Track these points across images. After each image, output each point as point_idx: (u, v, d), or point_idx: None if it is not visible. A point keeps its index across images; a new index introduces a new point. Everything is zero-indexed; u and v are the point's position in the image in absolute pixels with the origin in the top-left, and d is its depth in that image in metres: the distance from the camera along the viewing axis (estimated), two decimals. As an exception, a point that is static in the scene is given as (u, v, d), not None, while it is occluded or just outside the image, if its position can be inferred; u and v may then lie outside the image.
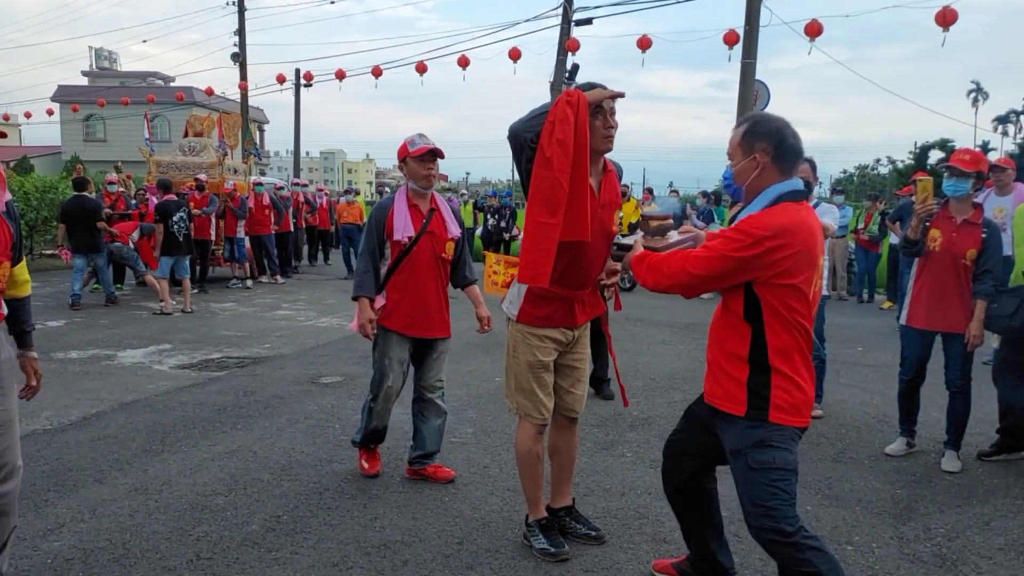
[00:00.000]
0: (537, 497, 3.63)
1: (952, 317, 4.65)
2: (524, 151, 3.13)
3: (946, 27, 12.46)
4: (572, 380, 3.61)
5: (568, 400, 3.61)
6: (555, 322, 3.43)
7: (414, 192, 4.32)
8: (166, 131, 36.95)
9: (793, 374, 2.65)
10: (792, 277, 2.56)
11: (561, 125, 3.00)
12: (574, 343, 3.55)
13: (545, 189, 3.05)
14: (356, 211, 16.56)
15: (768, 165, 2.67)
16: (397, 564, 3.45)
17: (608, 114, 3.24)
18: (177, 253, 11.01)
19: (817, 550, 2.60)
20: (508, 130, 3.17)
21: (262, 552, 3.54)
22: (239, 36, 27.56)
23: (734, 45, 15.16)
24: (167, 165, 14.70)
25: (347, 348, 8.43)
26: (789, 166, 2.68)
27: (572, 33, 19.30)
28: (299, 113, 30.48)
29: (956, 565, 3.52)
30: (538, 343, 3.43)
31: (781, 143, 2.66)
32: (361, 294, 4.28)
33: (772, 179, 2.67)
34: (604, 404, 6.21)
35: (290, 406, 6.01)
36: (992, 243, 4.56)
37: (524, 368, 3.46)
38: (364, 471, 4.52)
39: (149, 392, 6.42)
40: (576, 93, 3.07)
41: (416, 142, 4.22)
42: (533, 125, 3.09)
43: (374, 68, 20.81)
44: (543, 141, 3.04)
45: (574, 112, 3.02)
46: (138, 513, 3.96)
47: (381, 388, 4.36)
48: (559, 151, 3.00)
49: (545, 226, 3.08)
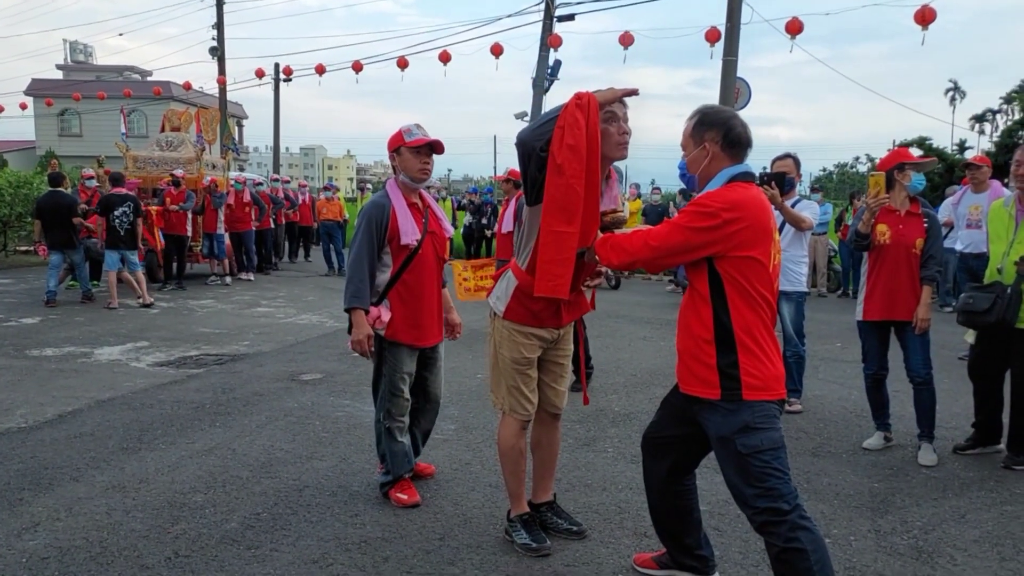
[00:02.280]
0: (519, 492, 3.62)
1: (908, 306, 4.83)
2: (533, 160, 3.05)
3: (925, 26, 12.59)
4: (555, 376, 3.59)
5: (551, 396, 3.60)
6: (542, 321, 3.39)
7: (406, 187, 4.02)
8: (143, 126, 36.65)
9: (758, 350, 2.71)
10: (750, 249, 2.67)
11: (572, 130, 2.93)
12: (558, 340, 3.53)
13: (559, 197, 2.98)
14: (336, 208, 16.51)
15: (718, 153, 2.79)
16: (378, 560, 3.44)
17: (623, 120, 3.15)
18: (122, 247, 10.93)
19: (807, 530, 2.64)
20: (516, 138, 3.08)
21: (241, 549, 3.51)
22: (217, 30, 27.31)
23: (716, 42, 15.21)
24: (144, 160, 14.55)
25: (327, 345, 8.39)
26: (738, 153, 2.80)
27: (554, 29, 19.30)
28: (278, 108, 30.25)
29: (932, 557, 3.56)
30: (524, 340, 3.40)
31: (729, 131, 2.78)
32: (357, 306, 3.90)
33: (722, 165, 2.79)
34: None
35: (269, 403, 5.98)
36: (935, 231, 4.83)
37: (509, 364, 3.42)
38: (404, 503, 4.03)
39: (126, 389, 6.36)
40: (586, 95, 2.98)
41: (413, 132, 3.95)
42: (542, 133, 2.99)
43: (354, 63, 20.73)
44: (553, 148, 2.96)
45: (585, 116, 2.94)
46: (115, 511, 3.91)
47: (396, 403, 4.03)
48: (571, 157, 2.93)
49: (563, 235, 3.01)
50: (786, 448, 2.74)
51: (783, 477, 2.68)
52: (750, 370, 2.69)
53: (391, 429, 4.06)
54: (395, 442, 4.07)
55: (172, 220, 12.70)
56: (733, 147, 2.79)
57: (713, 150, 2.79)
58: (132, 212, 10.94)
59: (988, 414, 4.99)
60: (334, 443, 5.02)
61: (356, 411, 5.77)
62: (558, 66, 20.13)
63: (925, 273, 4.78)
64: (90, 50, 47.92)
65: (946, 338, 8.30)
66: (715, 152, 2.79)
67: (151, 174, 14.28)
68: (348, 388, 6.47)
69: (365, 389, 6.42)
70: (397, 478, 4.10)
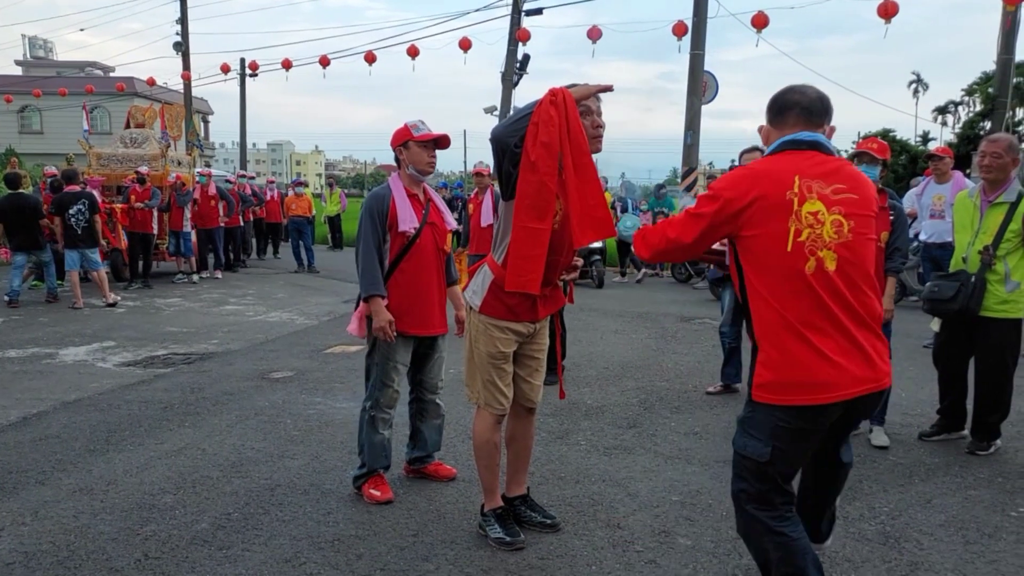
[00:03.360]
0: (493, 486, 3.61)
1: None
2: (507, 156, 3.07)
3: (888, 19, 12.75)
4: (531, 370, 3.59)
5: (526, 390, 3.60)
6: (518, 316, 3.38)
7: (410, 180, 4.09)
8: (106, 123, 36.09)
9: (779, 348, 2.52)
10: (755, 227, 2.51)
11: (546, 127, 2.95)
12: (534, 334, 3.52)
13: (531, 194, 3.01)
14: (305, 204, 16.38)
15: (768, 129, 2.73)
16: (351, 558, 3.42)
17: (596, 113, 3.20)
18: (80, 246, 10.76)
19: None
20: (491, 134, 3.11)
21: (212, 550, 3.48)
22: (182, 25, 27.00)
23: (683, 36, 15.30)
24: (108, 157, 14.33)
25: (297, 343, 8.32)
26: (779, 119, 2.68)
27: (523, 23, 19.30)
28: (245, 104, 29.99)
29: (899, 542, 3.62)
30: (500, 334, 3.39)
31: (774, 103, 2.70)
32: (376, 293, 3.91)
33: (773, 138, 2.70)
34: (557, 393, 6.22)
35: (239, 402, 5.92)
36: (900, 223, 4.87)
37: (484, 358, 3.42)
38: (377, 499, 4.00)
39: (92, 390, 6.27)
40: (560, 92, 2.99)
41: (420, 127, 4.04)
42: (516, 129, 3.02)
43: (322, 58, 20.57)
44: (527, 145, 2.98)
45: (560, 113, 2.96)
46: (83, 514, 3.86)
47: (385, 393, 4.06)
48: (544, 154, 2.95)
49: (534, 232, 3.05)
50: (771, 467, 2.61)
51: (750, 496, 2.69)
52: (763, 370, 2.57)
53: (375, 418, 4.06)
54: (376, 433, 4.07)
55: (137, 218, 12.51)
56: (774, 114, 2.70)
57: (766, 128, 2.75)
58: (88, 210, 10.75)
59: (953, 401, 5.07)
60: (306, 441, 4.99)
61: (327, 409, 5.74)
62: (527, 60, 20.14)
63: (889, 265, 4.82)
64: (50, 45, 47.16)
65: (911, 327, 8.43)
66: (768, 130, 2.74)
67: (115, 171, 14.06)
68: (319, 386, 6.42)
69: (337, 386, 6.39)
70: (371, 471, 4.08)
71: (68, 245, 10.73)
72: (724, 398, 6.20)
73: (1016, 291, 4.63)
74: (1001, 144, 4.70)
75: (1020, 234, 4.62)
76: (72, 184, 11.00)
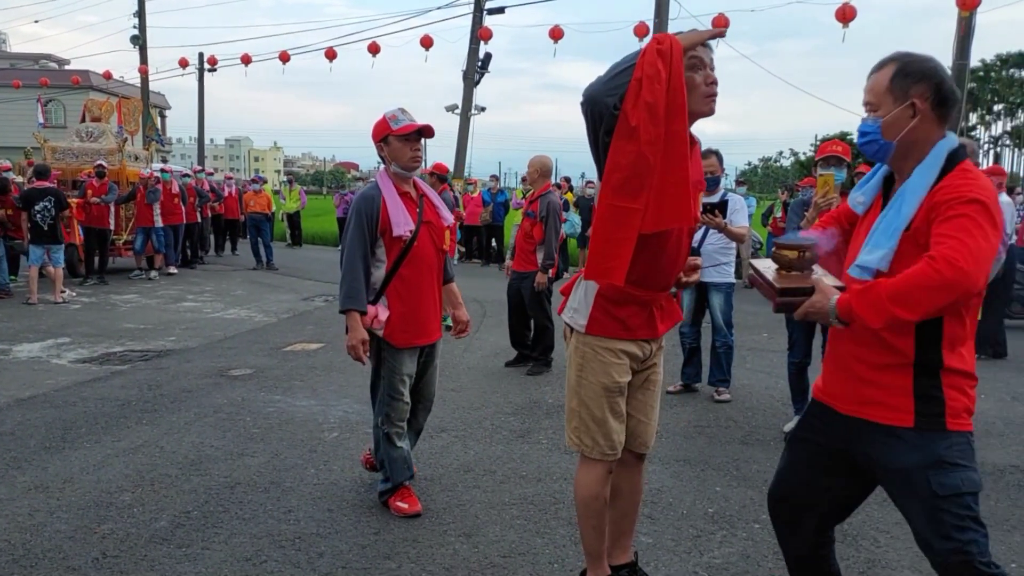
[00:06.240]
0: (600, 551, 2.92)
1: None
2: (604, 121, 2.43)
3: (846, 23, 13.03)
4: (644, 406, 2.89)
5: (640, 432, 2.89)
6: (634, 333, 2.73)
7: (398, 177, 3.75)
8: (61, 116, 35.32)
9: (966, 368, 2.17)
10: None
11: (650, 84, 2.33)
12: (649, 357, 2.84)
13: (626, 166, 2.40)
14: (264, 200, 16.22)
15: (928, 114, 2.16)
16: (313, 556, 3.41)
17: (709, 67, 2.56)
18: (45, 242, 10.60)
19: None
20: (583, 95, 2.46)
21: (171, 548, 3.44)
22: (139, 18, 26.57)
23: (644, 37, 15.45)
24: (64, 151, 14.08)
25: (257, 340, 8.25)
26: (948, 115, 2.20)
27: (484, 22, 19.33)
28: (203, 99, 29.56)
29: (857, 540, 3.70)
30: (614, 360, 2.72)
31: (941, 85, 2.17)
32: (353, 307, 3.59)
33: (933, 132, 2.18)
34: (520, 392, 6.26)
35: (198, 399, 5.85)
36: None
37: (598, 392, 2.72)
38: (404, 512, 3.81)
39: (47, 387, 6.15)
40: (667, 38, 2.39)
41: (400, 119, 3.67)
42: (616, 86, 2.39)
43: (281, 53, 20.41)
44: (627, 106, 2.36)
45: (667, 66, 2.34)
46: (38, 512, 3.79)
47: (394, 407, 3.81)
48: (647, 117, 2.34)
49: (623, 211, 2.44)
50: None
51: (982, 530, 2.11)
52: (956, 394, 2.13)
53: (390, 435, 3.84)
54: (394, 448, 3.86)
55: (93, 213, 12.28)
56: (944, 106, 2.17)
57: (923, 109, 2.14)
58: (54, 206, 10.57)
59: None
60: (266, 439, 4.95)
61: (288, 406, 5.70)
62: (488, 59, 20.17)
63: None
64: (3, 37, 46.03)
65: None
66: (925, 112, 2.15)
67: (71, 165, 13.82)
68: (279, 383, 6.38)
69: (297, 384, 6.35)
70: (397, 486, 3.89)
71: (33, 241, 10.58)
72: (684, 397, 6.28)
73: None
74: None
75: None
76: (42, 179, 10.83)
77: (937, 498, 2.08)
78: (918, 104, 2.14)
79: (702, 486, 4.35)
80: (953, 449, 2.10)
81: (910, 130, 2.16)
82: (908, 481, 2.15)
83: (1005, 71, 39.39)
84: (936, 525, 2.10)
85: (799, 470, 2.46)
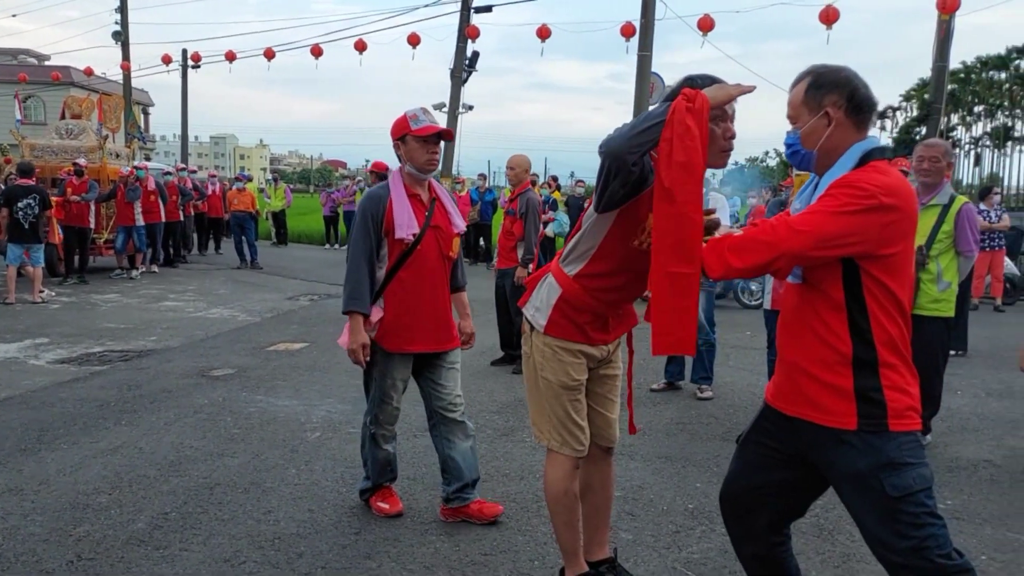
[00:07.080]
0: (575, 547, 2.97)
1: None
2: (619, 175, 2.42)
3: (829, 25, 13.10)
4: (604, 400, 2.99)
5: (601, 425, 2.99)
6: (590, 338, 2.82)
7: (411, 178, 3.67)
8: (40, 113, 35.07)
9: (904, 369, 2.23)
10: (898, 244, 2.19)
11: (682, 142, 2.28)
12: (607, 356, 2.94)
13: (671, 231, 2.31)
14: (248, 199, 16.10)
15: (842, 120, 2.25)
16: (292, 556, 3.38)
17: (730, 119, 2.53)
18: (25, 241, 10.50)
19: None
20: (603, 147, 2.40)
21: (149, 550, 3.40)
22: (121, 13, 26.32)
23: (631, 37, 15.48)
24: (42, 149, 13.95)
25: (238, 340, 8.19)
26: (864, 120, 2.28)
27: (472, 20, 19.29)
28: (186, 96, 29.30)
29: (832, 535, 3.71)
30: (572, 359, 2.81)
31: (854, 93, 2.26)
32: (355, 309, 3.53)
33: (849, 136, 2.26)
34: (505, 391, 6.25)
35: (178, 400, 5.80)
36: None
37: (556, 390, 2.82)
38: (386, 512, 3.80)
39: (24, 388, 6.08)
40: (697, 95, 2.32)
41: (420, 119, 3.59)
42: (639, 144, 2.35)
43: (267, 50, 20.31)
44: (660, 167, 2.31)
45: (697, 123, 2.29)
46: (12, 515, 3.74)
47: (384, 410, 3.74)
48: (683, 178, 2.27)
49: (682, 278, 2.33)
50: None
51: (939, 523, 2.15)
52: (896, 394, 2.18)
53: (376, 436, 3.78)
54: (379, 449, 3.81)
55: (73, 211, 12.16)
56: (859, 112, 2.25)
57: (837, 117, 2.25)
58: (38, 205, 10.47)
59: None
60: (246, 439, 4.91)
61: (269, 406, 5.66)
62: (476, 57, 20.13)
63: None
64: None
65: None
66: (839, 119, 2.25)
67: (50, 163, 13.69)
68: (261, 383, 6.33)
69: (279, 384, 6.31)
70: (377, 486, 3.88)
71: (12, 239, 10.44)
72: (667, 395, 6.29)
73: (947, 291, 4.80)
74: (939, 149, 4.90)
75: (952, 235, 4.80)
76: (26, 177, 10.72)
77: (892, 500, 2.13)
78: (831, 112, 2.25)
79: (683, 482, 4.35)
80: (903, 449, 2.15)
81: (827, 138, 2.26)
82: (863, 485, 2.19)
83: (985, 73, 39.63)
84: (893, 525, 2.14)
85: (751, 472, 2.51)
